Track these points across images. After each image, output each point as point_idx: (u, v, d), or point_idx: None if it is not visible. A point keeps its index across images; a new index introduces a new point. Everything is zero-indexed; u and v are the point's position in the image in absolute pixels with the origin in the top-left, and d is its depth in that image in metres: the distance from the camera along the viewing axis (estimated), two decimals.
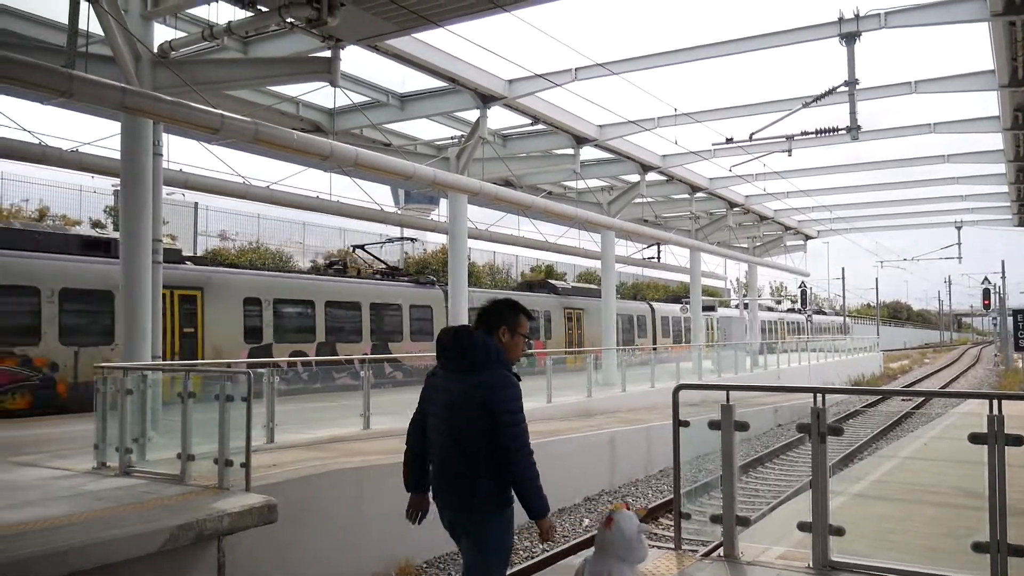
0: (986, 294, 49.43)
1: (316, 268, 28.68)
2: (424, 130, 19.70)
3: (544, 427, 14.16)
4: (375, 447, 10.92)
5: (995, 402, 4.39)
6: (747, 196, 29.54)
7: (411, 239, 29.71)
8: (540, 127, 18.88)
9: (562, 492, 12.86)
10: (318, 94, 15.48)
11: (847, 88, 14.75)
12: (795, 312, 51.01)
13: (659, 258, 35.55)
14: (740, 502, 5.31)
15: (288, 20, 9.77)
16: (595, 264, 33.84)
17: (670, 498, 11.24)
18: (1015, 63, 14.16)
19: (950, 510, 7.26)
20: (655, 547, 5.61)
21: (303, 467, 9.06)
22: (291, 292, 19.13)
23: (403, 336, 21.70)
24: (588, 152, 20.70)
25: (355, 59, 15.37)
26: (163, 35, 11.55)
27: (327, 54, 10.96)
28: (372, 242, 26.39)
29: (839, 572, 4.76)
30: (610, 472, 14.09)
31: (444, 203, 25.98)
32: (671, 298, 42.53)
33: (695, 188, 26.45)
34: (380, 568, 9.26)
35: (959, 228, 37.03)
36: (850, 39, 13.96)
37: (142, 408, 8.75)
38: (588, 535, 10.81)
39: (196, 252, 29.65)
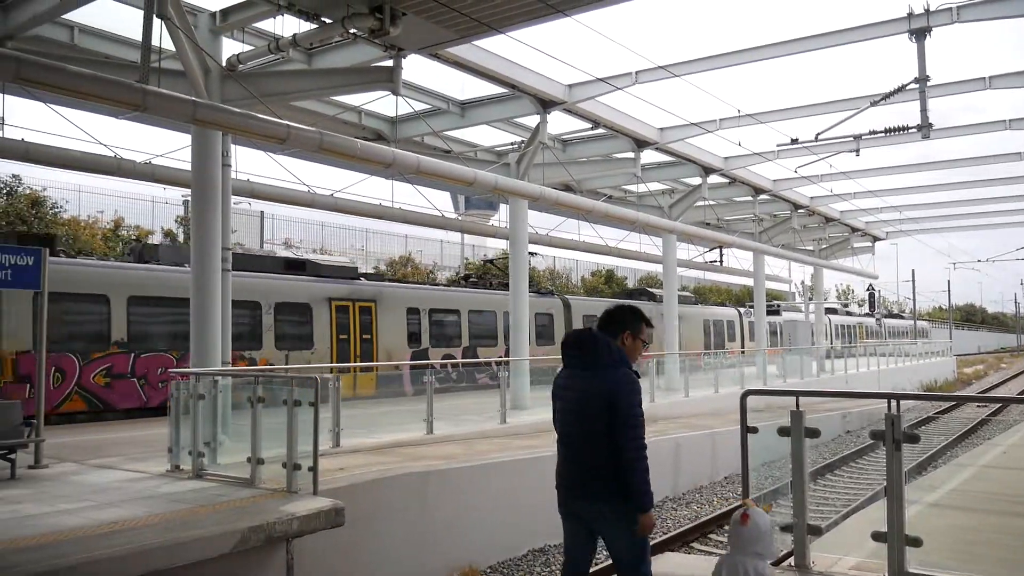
0: None
1: (453, 280, 30.51)
2: (484, 136, 19.81)
3: None
4: (438, 452, 11.01)
5: None
6: (812, 197, 28.95)
7: (534, 253, 31.26)
8: (600, 131, 18.80)
9: None
10: (380, 103, 15.69)
11: (917, 85, 14.33)
12: (873, 316, 49.88)
13: (721, 261, 35.10)
14: (810, 510, 5.19)
15: (351, 31, 9.95)
16: (656, 268, 33.59)
17: (736, 505, 11.06)
18: None
19: None
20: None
21: (369, 471, 9.17)
22: (442, 303, 22.05)
23: (530, 341, 22.75)
24: (649, 155, 20.53)
25: (416, 67, 15.56)
26: (231, 49, 11.87)
27: (389, 63, 11.12)
28: (500, 256, 29.82)
29: None
30: (674, 478, 13.91)
31: (504, 209, 26.16)
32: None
33: (758, 190, 26.03)
34: (444, 572, 9.30)
35: None
36: (920, 35, 13.57)
37: (213, 412, 8.96)
38: (652, 541, 10.68)
39: None
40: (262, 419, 8.03)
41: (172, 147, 18.81)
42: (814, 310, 37.38)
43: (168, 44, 10.35)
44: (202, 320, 11.02)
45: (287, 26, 11.26)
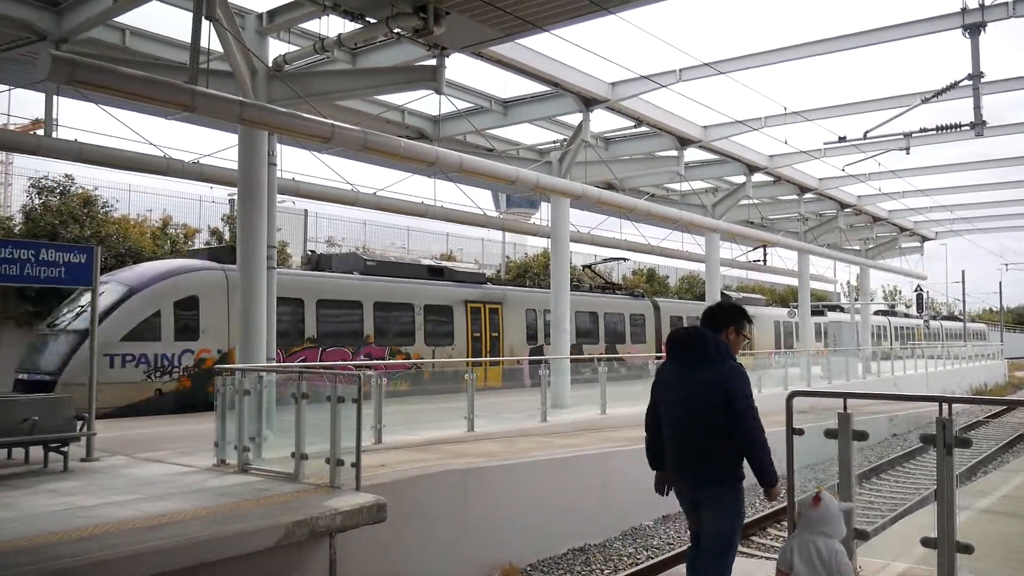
0: None
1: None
2: (526, 135, 19.81)
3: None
4: (478, 449, 11.05)
5: None
6: (860, 196, 28.45)
7: (623, 258, 34.42)
8: (643, 129, 18.67)
9: (666, 499, 12.64)
10: (423, 102, 15.76)
11: (971, 82, 13.99)
12: (921, 318, 49.05)
13: (765, 261, 34.68)
14: (857, 514, 5.10)
15: (395, 31, 10.01)
16: (699, 267, 33.31)
17: (779, 507, 10.93)
18: None
19: None
20: (765, 559, 5.47)
21: (411, 468, 9.23)
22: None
23: (626, 339, 26.61)
24: (692, 153, 20.36)
25: (458, 66, 15.61)
26: (277, 49, 12.03)
27: (432, 62, 11.17)
28: (594, 262, 32.41)
29: None
30: None
31: (545, 207, 26.16)
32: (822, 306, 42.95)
33: (804, 189, 25.65)
34: (485, 569, 9.33)
35: None
36: (974, 30, 13.23)
37: (258, 408, 9.09)
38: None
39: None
40: (306, 415, 8.13)
41: (219, 147, 19.13)
42: (860, 310, 36.73)
43: (216, 45, 10.53)
44: (249, 317, 11.18)
45: (332, 26, 11.39)
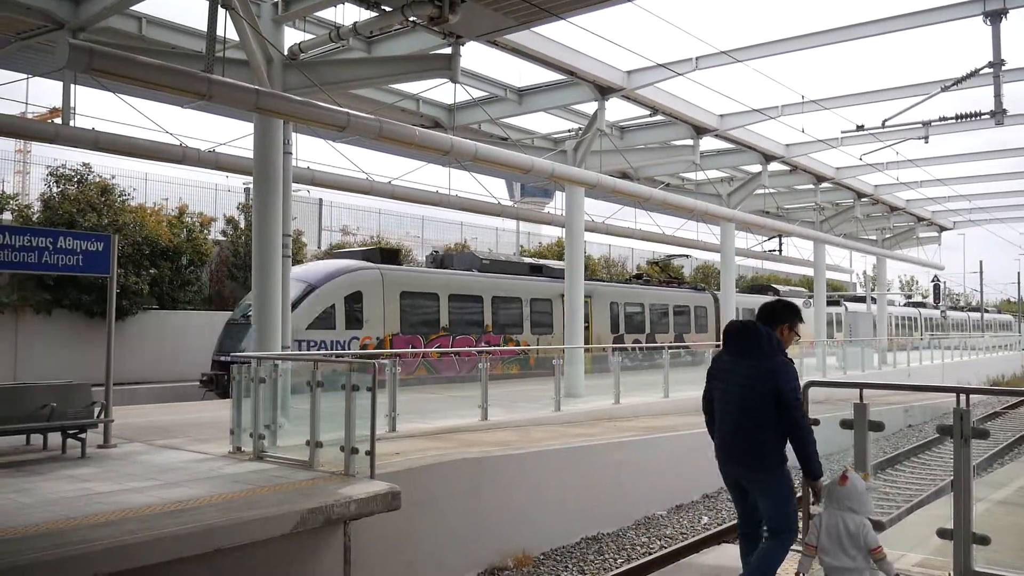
0: None
1: (626, 279, 33.79)
2: (541, 124, 19.76)
3: (659, 422, 13.98)
4: (491, 438, 11.07)
5: None
6: (877, 186, 28.20)
7: (686, 255, 38.69)
8: (658, 118, 18.57)
9: (679, 489, 12.68)
10: (437, 90, 15.74)
11: (992, 69, 13.81)
12: (961, 309, 48.70)
13: (780, 251, 34.50)
14: (873, 504, 5.08)
15: (411, 19, 9.98)
16: (714, 257, 33.19)
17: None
18: None
19: None
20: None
21: (424, 456, 9.27)
22: (632, 298, 27.35)
23: (691, 329, 29.40)
24: (707, 142, 20.22)
25: (473, 54, 15.57)
26: (293, 38, 12.02)
27: (447, 51, 11.13)
28: (657, 259, 36.41)
29: None
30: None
31: (559, 196, 26.16)
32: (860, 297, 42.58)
33: (820, 178, 25.47)
34: (498, 558, 9.37)
35: None
36: (996, 17, 13.05)
37: (273, 396, 9.14)
38: (706, 533, 10.62)
39: (320, 246, 31.04)
40: (321, 403, 8.17)
41: (235, 135, 19.19)
42: (876, 300, 36.50)
43: (232, 34, 10.54)
44: (263, 305, 11.21)
45: (347, 14, 11.38)
